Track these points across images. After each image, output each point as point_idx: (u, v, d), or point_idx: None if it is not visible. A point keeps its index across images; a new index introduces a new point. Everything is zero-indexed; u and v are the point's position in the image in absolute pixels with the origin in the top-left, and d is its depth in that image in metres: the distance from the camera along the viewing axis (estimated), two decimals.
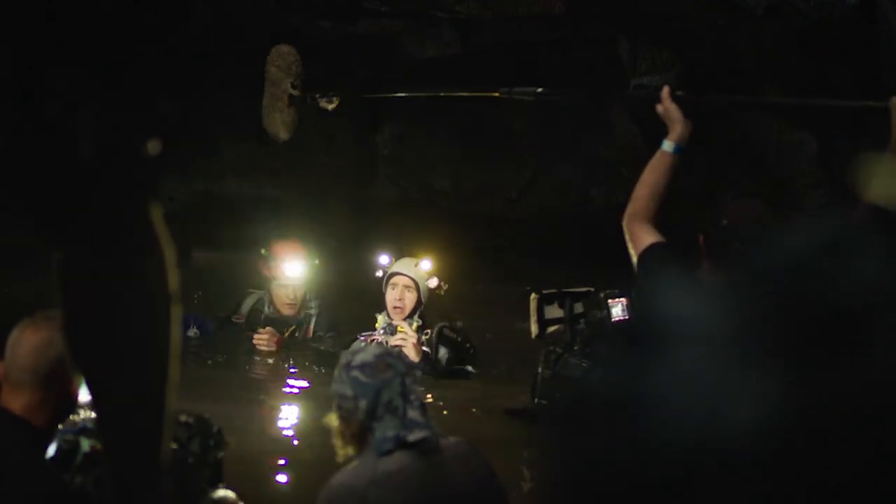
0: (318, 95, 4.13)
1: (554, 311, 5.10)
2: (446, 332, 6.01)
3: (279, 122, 4.55)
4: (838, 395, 0.61)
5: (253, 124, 11.35)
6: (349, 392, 3.01)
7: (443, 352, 5.94)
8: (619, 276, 4.25)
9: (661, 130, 3.48)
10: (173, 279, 1.76)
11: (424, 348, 5.93)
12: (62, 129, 1.59)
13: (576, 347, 4.84)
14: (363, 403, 2.98)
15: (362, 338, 6.15)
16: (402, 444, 2.95)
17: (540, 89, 3.71)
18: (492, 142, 11.86)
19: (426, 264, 6.27)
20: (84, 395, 2.64)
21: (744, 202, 3.61)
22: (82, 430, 2.71)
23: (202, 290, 8.14)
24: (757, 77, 6.60)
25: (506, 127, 11.82)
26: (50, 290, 1.77)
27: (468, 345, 6.11)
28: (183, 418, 2.66)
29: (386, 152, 12.46)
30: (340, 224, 11.98)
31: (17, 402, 2.67)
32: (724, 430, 0.62)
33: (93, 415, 2.77)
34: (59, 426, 2.73)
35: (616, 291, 4.82)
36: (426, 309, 6.23)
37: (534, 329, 5.09)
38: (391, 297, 6.17)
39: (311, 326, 6.71)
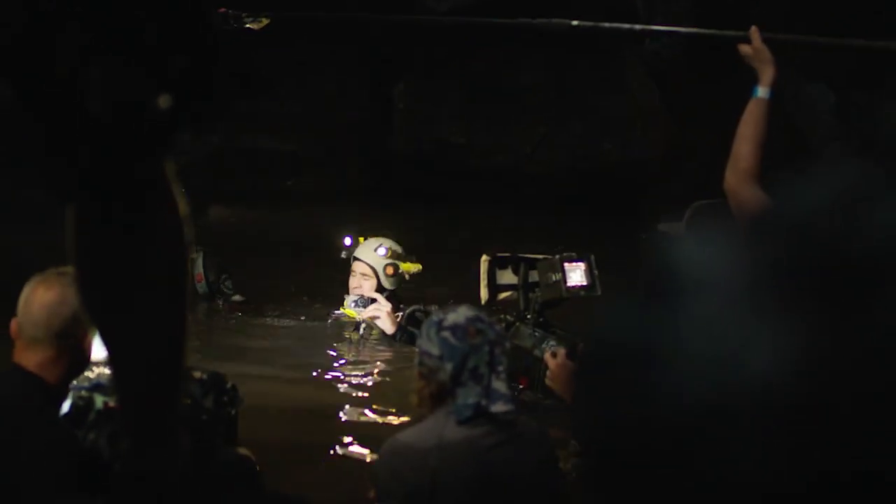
0: (244, 15, 3.91)
1: (507, 277, 4.78)
2: (418, 315, 5.76)
3: None
4: (857, 344, 0.60)
5: (267, 78, 11.33)
6: (435, 352, 2.96)
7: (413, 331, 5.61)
8: (630, 232, 4.14)
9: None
10: (188, 233, 1.76)
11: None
12: (74, 83, 1.57)
13: (528, 316, 4.57)
14: (448, 366, 2.93)
15: (334, 314, 6.04)
16: (482, 413, 2.91)
17: (576, 22, 3.45)
18: (507, 97, 11.83)
19: (382, 250, 5.96)
20: (97, 352, 2.65)
21: None
22: (96, 386, 2.71)
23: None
24: (774, 25, 6.55)
25: (521, 83, 11.78)
26: (61, 245, 1.76)
27: None
28: (197, 374, 2.65)
29: (401, 107, 12.45)
30: (355, 177, 11.99)
31: (31, 359, 2.68)
32: (740, 380, 0.61)
33: (106, 371, 2.77)
34: (73, 382, 2.73)
35: (574, 255, 4.58)
36: (396, 291, 5.98)
37: (483, 294, 4.75)
38: (351, 283, 5.98)
39: (199, 272, 6.56)
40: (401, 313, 5.78)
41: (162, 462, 1.83)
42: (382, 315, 5.69)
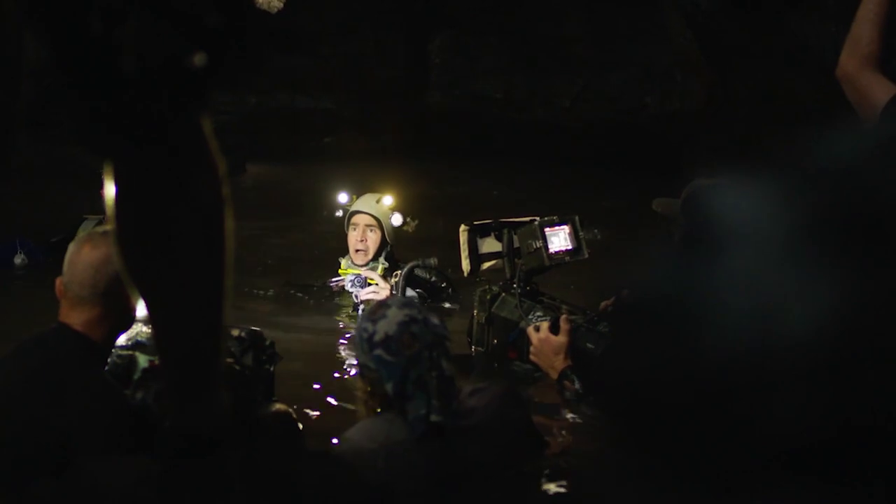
0: None
1: (490, 245, 4.51)
2: (418, 272, 5.51)
3: None
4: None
5: (303, 35, 11.31)
6: (373, 366, 2.76)
7: (410, 293, 5.43)
8: (671, 182, 4.01)
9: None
10: (225, 190, 1.76)
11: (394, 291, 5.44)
12: (109, 41, 1.58)
13: (515, 285, 4.34)
14: (390, 386, 2.73)
15: (332, 284, 5.76)
16: (435, 424, 2.73)
17: None
18: (544, 50, 11.77)
19: (388, 200, 5.68)
20: (140, 311, 2.67)
21: None
22: (136, 344, 2.74)
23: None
24: None
25: (558, 35, 11.70)
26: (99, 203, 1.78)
27: (444, 283, 5.60)
28: (235, 332, 2.67)
29: (437, 61, 12.41)
30: (392, 133, 11.98)
31: (77, 319, 2.70)
32: (781, 332, 0.61)
33: (145, 329, 2.80)
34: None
35: (555, 219, 4.35)
36: (395, 248, 5.73)
37: (465, 266, 4.51)
38: (353, 238, 5.65)
39: None
40: (399, 271, 5.46)
41: (204, 418, 1.85)
42: (382, 298, 5.23)
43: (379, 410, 2.79)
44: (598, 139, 11.27)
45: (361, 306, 5.46)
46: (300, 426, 2.75)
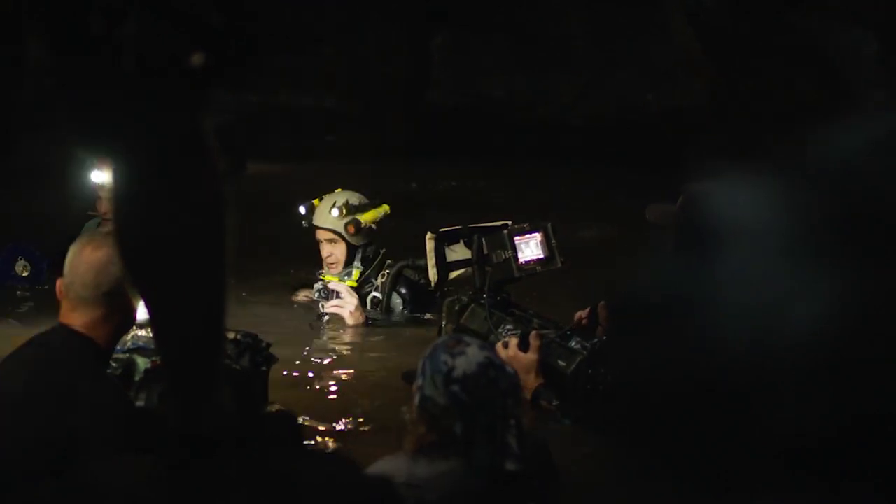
0: None
1: (459, 252, 4.27)
2: (407, 272, 5.31)
3: None
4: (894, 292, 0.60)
5: (306, 34, 11.31)
6: (442, 402, 2.66)
7: (396, 299, 5.32)
8: (673, 180, 3.92)
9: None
10: (225, 189, 1.76)
11: (376, 294, 5.32)
12: (109, 41, 1.58)
13: (485, 296, 4.09)
14: (458, 427, 2.64)
15: (320, 281, 5.55)
16: (496, 472, 2.65)
17: None
18: (547, 48, 11.78)
19: (336, 211, 5.39)
20: (140, 313, 2.67)
21: None
22: (134, 348, 2.74)
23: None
24: None
25: (561, 33, 11.71)
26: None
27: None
28: (232, 335, 2.67)
29: (439, 60, 12.43)
30: (395, 132, 11.99)
31: (78, 320, 2.70)
32: (781, 328, 0.61)
33: (141, 332, 2.80)
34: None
35: (526, 226, 4.13)
36: (373, 245, 5.47)
37: (432, 275, 4.27)
38: (323, 253, 5.50)
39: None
40: (387, 271, 5.35)
41: (206, 419, 1.85)
42: (345, 314, 5.22)
43: (425, 445, 2.69)
44: (601, 137, 11.28)
45: (326, 317, 5.33)
46: (301, 423, 2.76)
